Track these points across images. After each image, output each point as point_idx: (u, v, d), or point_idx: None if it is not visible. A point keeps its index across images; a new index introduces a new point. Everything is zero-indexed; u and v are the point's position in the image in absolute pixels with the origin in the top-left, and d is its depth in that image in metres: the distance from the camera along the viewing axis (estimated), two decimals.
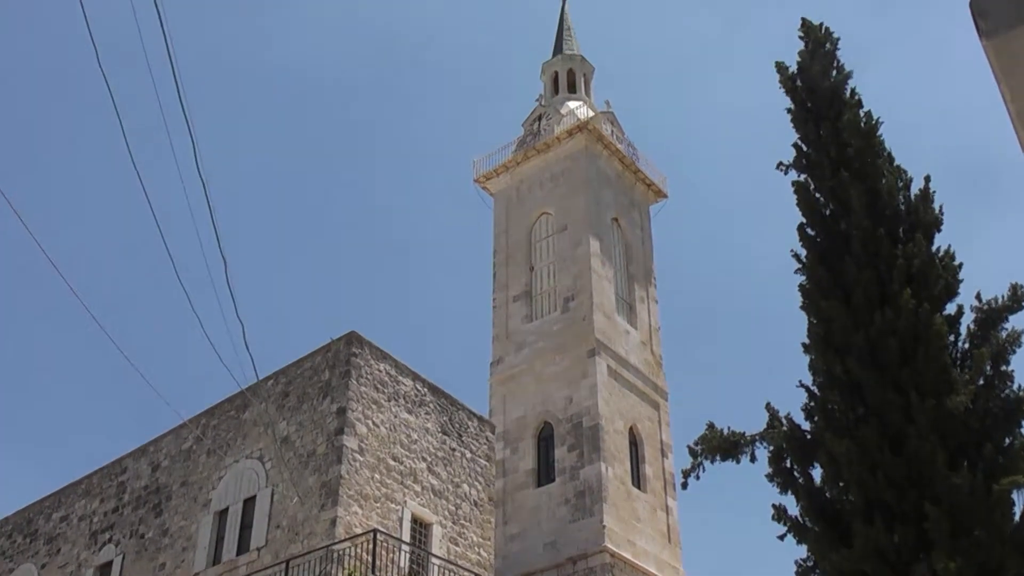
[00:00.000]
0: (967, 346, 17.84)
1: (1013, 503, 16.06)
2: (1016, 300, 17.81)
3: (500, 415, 40.51)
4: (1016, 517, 16.09)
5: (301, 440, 26.75)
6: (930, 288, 17.69)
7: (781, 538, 17.91)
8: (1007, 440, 16.87)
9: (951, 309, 17.96)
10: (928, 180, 18.93)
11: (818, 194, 19.62)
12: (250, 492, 27.25)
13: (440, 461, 28.77)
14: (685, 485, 19.72)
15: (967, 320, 18.00)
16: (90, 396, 78.19)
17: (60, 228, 71.41)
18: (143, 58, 13.58)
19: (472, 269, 74.16)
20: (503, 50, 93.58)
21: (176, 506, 28.97)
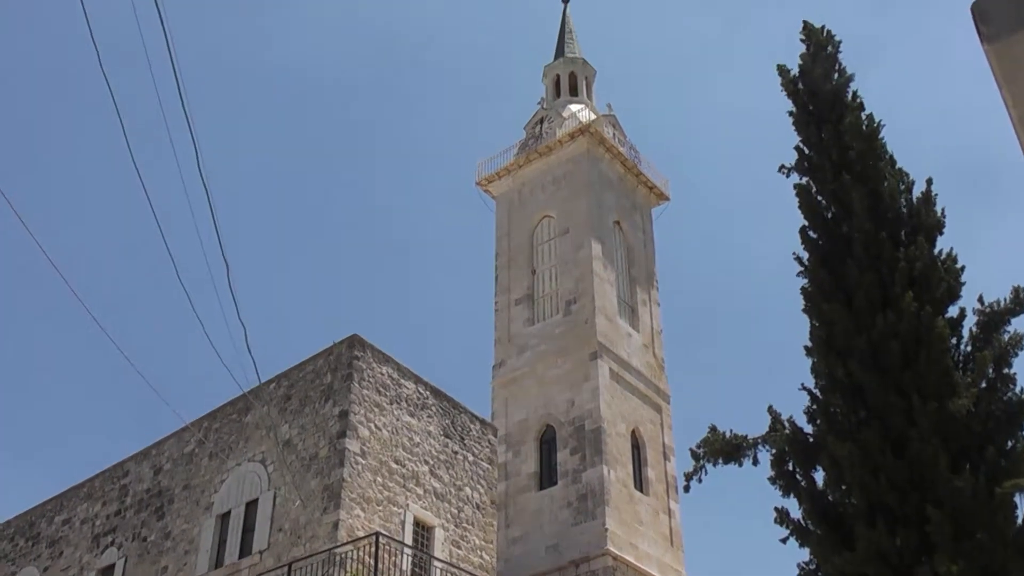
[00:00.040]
0: (969, 349, 17.82)
1: (1015, 506, 16.06)
2: (1018, 303, 17.79)
3: (502, 418, 40.50)
4: (1019, 520, 16.08)
5: (303, 443, 26.75)
6: (932, 291, 17.69)
7: (783, 541, 17.91)
8: (1009, 443, 16.85)
9: (953, 312, 17.96)
10: (930, 183, 18.94)
11: (820, 197, 19.62)
12: (252, 495, 27.25)
13: (442, 464, 28.76)
14: (687, 488, 19.71)
15: (969, 323, 18.00)
16: (91, 398, 78.31)
17: (60, 228, 71.48)
18: (143, 58, 13.59)
19: (474, 272, 74.32)
20: (503, 50, 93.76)
21: (178, 509, 28.97)
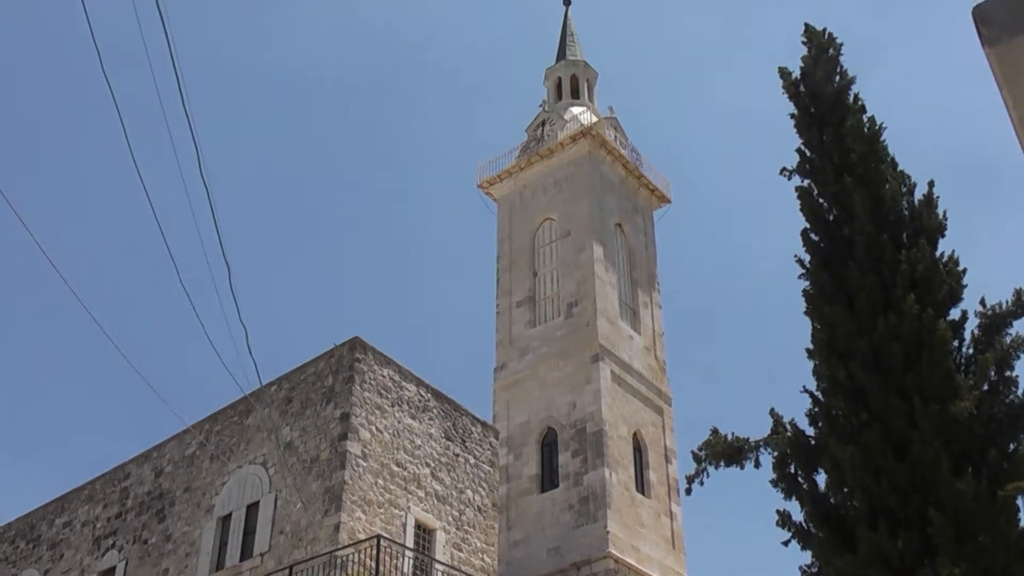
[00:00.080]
0: (971, 351, 17.77)
1: (1018, 509, 16.00)
2: (1020, 305, 17.73)
3: (504, 421, 40.47)
4: (1021, 523, 16.03)
5: (304, 446, 26.74)
6: (934, 293, 17.65)
7: (785, 544, 17.86)
8: (1011, 446, 16.79)
9: (955, 314, 17.90)
10: (932, 185, 18.90)
11: (821, 199, 19.58)
12: (253, 498, 27.24)
13: (444, 467, 28.75)
14: (689, 491, 19.67)
15: (971, 325, 17.94)
16: (91, 399, 78.29)
17: (60, 228, 71.49)
18: (144, 58, 13.61)
19: (475, 274, 74.18)
20: (504, 51, 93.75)
21: (179, 512, 28.96)
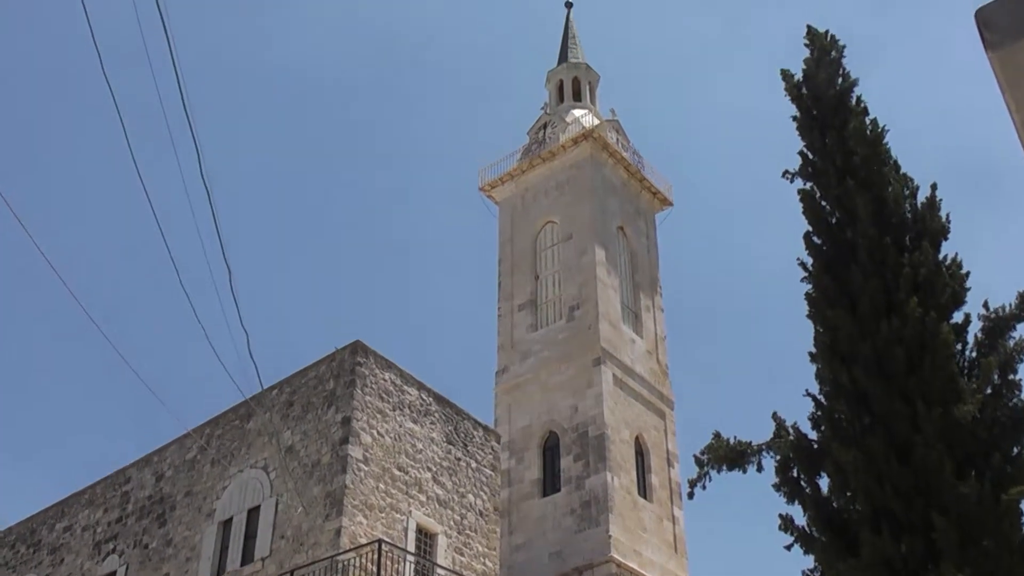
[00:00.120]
0: (974, 355, 17.73)
1: (1021, 512, 15.93)
2: None
3: (505, 424, 40.39)
4: None
5: (306, 450, 26.68)
6: (937, 296, 17.59)
7: (788, 548, 17.82)
8: (1015, 449, 16.75)
9: (958, 318, 17.86)
10: (935, 188, 18.85)
11: (824, 202, 19.53)
12: (254, 502, 27.18)
13: (445, 471, 28.68)
14: (691, 495, 19.62)
15: (974, 329, 17.90)
16: (92, 402, 78.18)
17: (60, 230, 71.38)
18: (144, 58, 13.56)
19: (477, 277, 74.05)
20: (505, 52, 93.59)
21: (180, 516, 28.90)
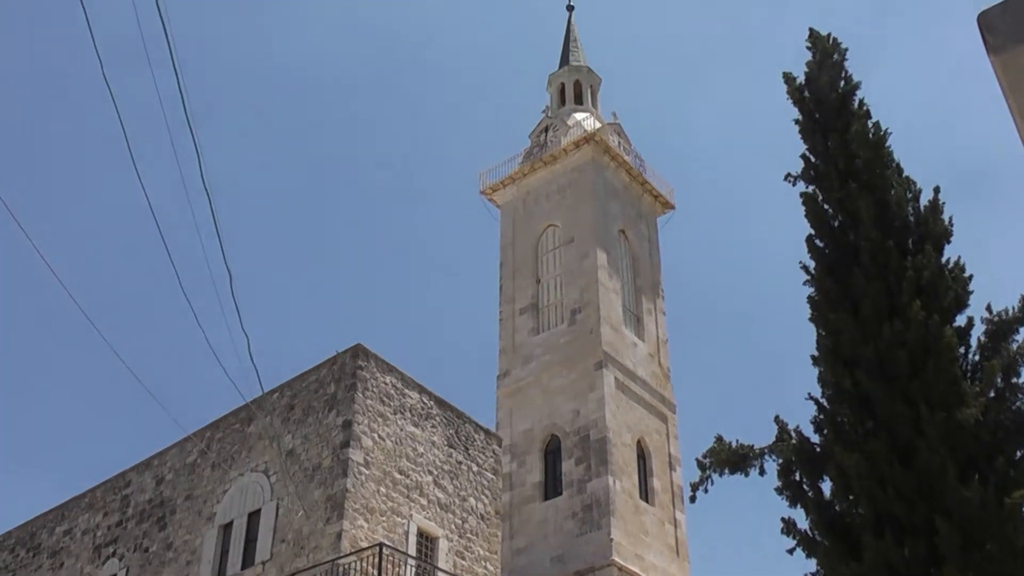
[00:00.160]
0: (977, 358, 17.67)
1: None
2: None
3: (507, 428, 40.36)
4: None
5: (306, 453, 26.63)
6: (940, 300, 17.53)
7: (790, 552, 17.74)
8: (1018, 453, 16.68)
9: (961, 321, 17.79)
10: (937, 191, 18.80)
11: (826, 205, 19.48)
12: (255, 506, 27.12)
13: (446, 474, 28.61)
14: (693, 498, 19.54)
15: (977, 332, 17.84)
16: (92, 406, 78.00)
17: (60, 233, 71.42)
18: (145, 60, 13.53)
19: (478, 281, 74.04)
20: (506, 54, 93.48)
21: (180, 520, 28.83)
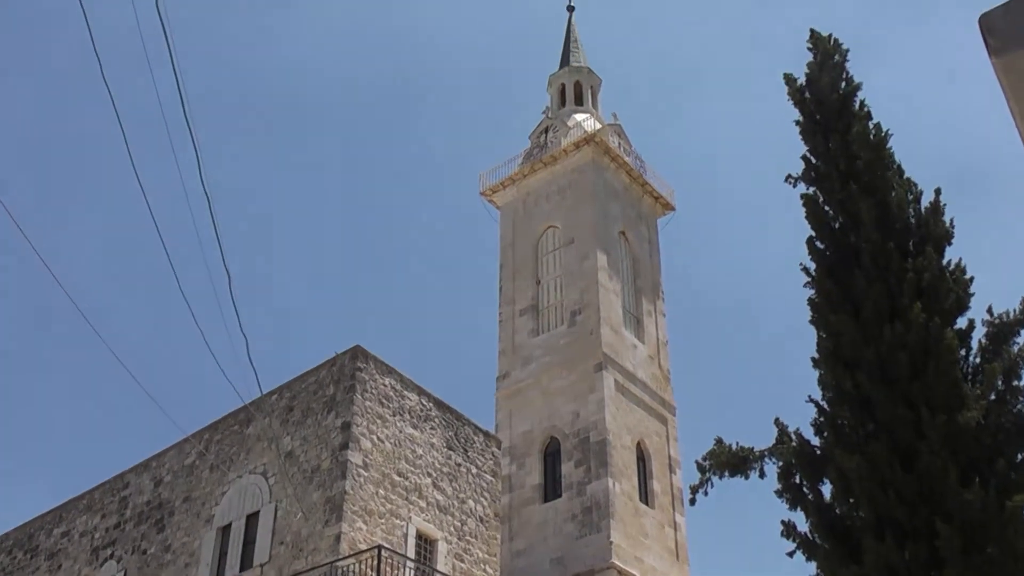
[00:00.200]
0: (978, 361, 17.62)
1: None
2: None
3: (506, 430, 40.27)
4: None
5: (305, 455, 26.56)
6: (941, 302, 17.48)
7: (790, 555, 17.69)
8: (1020, 456, 16.64)
9: (962, 323, 17.74)
10: (939, 193, 18.76)
11: (827, 207, 19.44)
12: (253, 508, 27.06)
13: (445, 476, 28.54)
14: (693, 501, 19.50)
15: (978, 334, 17.80)
16: (90, 408, 77.89)
17: (59, 235, 71.36)
18: (145, 63, 13.49)
19: (478, 282, 73.94)
20: (506, 55, 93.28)
21: (179, 522, 28.77)
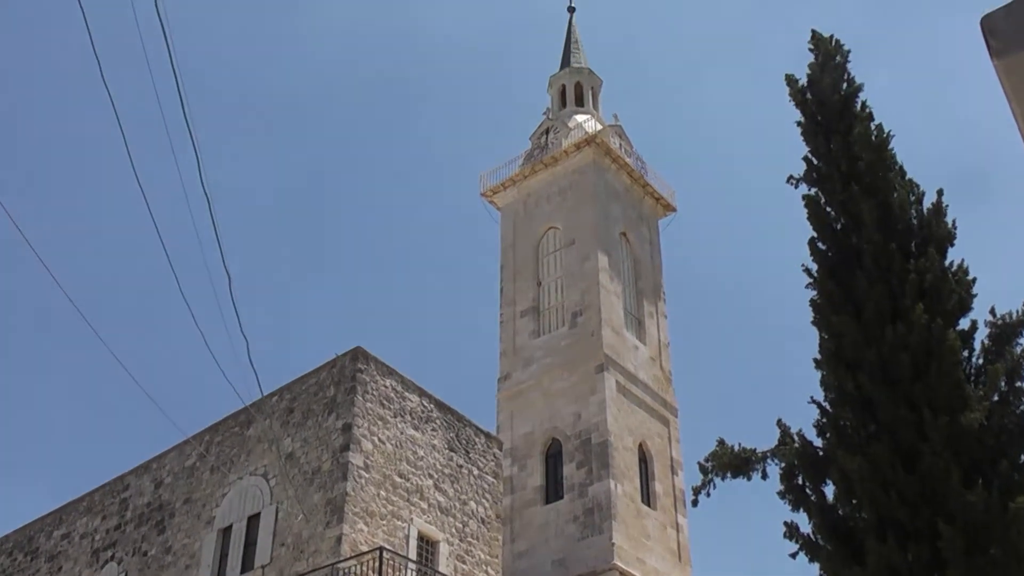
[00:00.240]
0: (981, 362, 17.57)
1: None
2: None
3: (508, 431, 40.23)
4: None
5: (306, 457, 26.53)
6: (943, 303, 17.43)
7: (793, 556, 17.65)
8: (1022, 457, 16.60)
9: (965, 324, 17.69)
10: (941, 194, 18.70)
11: (829, 208, 19.39)
12: (254, 509, 27.02)
13: (447, 478, 28.51)
14: (695, 502, 19.46)
15: (981, 335, 17.74)
16: (90, 410, 77.79)
17: (59, 236, 71.19)
18: (145, 64, 13.46)
19: (479, 283, 73.90)
20: (506, 56, 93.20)
21: (179, 523, 28.73)
